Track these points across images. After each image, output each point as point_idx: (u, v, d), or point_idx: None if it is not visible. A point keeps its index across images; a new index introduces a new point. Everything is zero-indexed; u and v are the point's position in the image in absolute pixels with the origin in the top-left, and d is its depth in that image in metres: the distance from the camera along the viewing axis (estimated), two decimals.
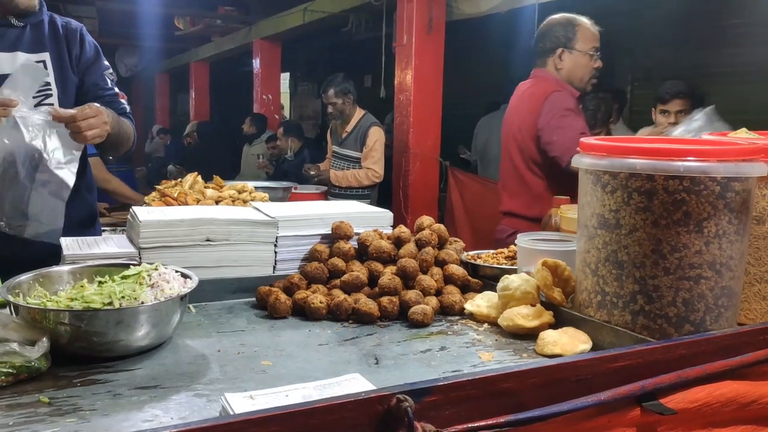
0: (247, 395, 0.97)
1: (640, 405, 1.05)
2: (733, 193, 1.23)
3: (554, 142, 2.59)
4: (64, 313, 1.16)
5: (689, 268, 1.24)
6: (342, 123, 4.94)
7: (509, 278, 1.45)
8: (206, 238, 1.59)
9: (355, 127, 4.88)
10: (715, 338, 1.19)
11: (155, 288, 1.25)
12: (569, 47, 2.74)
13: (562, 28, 2.76)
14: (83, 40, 2.03)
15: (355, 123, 4.89)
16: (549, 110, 2.62)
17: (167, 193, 2.52)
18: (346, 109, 4.88)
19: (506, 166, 2.88)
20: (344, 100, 4.86)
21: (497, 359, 1.27)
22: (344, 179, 4.81)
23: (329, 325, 1.46)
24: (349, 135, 4.89)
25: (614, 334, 1.29)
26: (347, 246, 1.67)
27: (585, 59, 2.75)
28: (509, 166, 2.85)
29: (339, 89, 4.85)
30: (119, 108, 2.04)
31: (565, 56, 2.75)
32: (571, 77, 2.76)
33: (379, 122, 4.94)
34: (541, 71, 2.82)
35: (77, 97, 1.98)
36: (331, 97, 4.86)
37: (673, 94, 3.83)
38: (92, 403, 1.03)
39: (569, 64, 2.75)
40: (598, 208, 1.30)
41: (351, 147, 4.89)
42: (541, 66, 2.82)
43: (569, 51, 2.74)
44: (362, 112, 4.94)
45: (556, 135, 2.59)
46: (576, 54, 2.74)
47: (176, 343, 1.30)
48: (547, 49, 2.78)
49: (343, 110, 4.88)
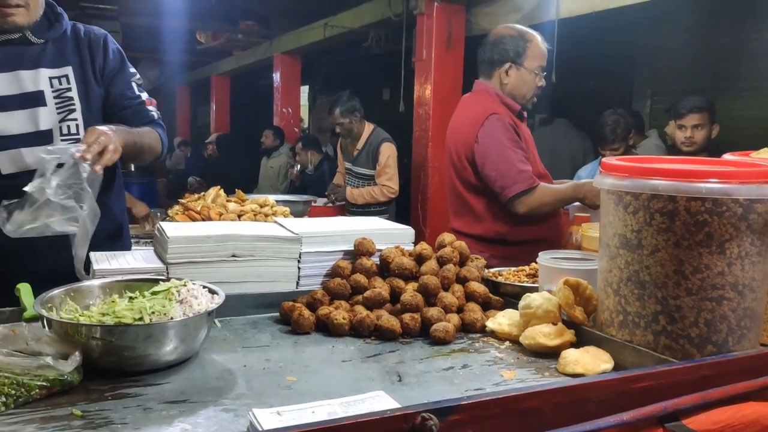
0: (274, 411, 0.99)
1: (662, 426, 1.05)
2: (756, 215, 1.24)
3: (492, 177, 2.55)
4: (96, 328, 1.19)
5: (711, 289, 1.24)
6: (352, 141, 4.95)
7: (531, 296, 1.46)
8: (232, 254, 1.61)
9: (366, 143, 4.89)
10: (737, 359, 1.19)
11: (184, 303, 1.28)
12: (518, 63, 2.68)
13: (513, 41, 2.69)
14: (107, 48, 2.00)
15: (365, 140, 4.90)
16: (485, 143, 2.56)
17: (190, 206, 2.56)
18: (354, 128, 4.90)
19: (448, 185, 2.85)
20: (351, 119, 4.86)
21: (519, 378, 1.28)
22: (360, 197, 4.84)
23: (352, 341, 1.48)
24: (360, 152, 4.90)
25: (636, 354, 1.29)
26: (369, 262, 1.69)
27: (531, 77, 2.69)
28: (450, 185, 2.81)
29: (345, 108, 4.86)
30: (147, 116, 2.03)
31: (512, 72, 2.68)
32: (514, 93, 2.71)
33: (389, 136, 4.94)
34: (483, 84, 2.76)
35: (104, 109, 1.97)
36: (338, 118, 4.88)
37: (689, 109, 3.80)
38: (123, 417, 1.06)
39: (515, 80, 2.69)
40: (620, 228, 1.31)
41: (363, 165, 4.91)
42: (486, 78, 2.75)
43: (517, 67, 2.68)
44: (371, 127, 4.94)
45: (494, 170, 2.55)
46: (523, 71, 2.68)
47: (203, 358, 1.33)
48: (495, 61, 2.71)
49: (351, 129, 4.90)
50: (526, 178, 2.51)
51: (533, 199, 2.52)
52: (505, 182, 2.52)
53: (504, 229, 2.62)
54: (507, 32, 2.74)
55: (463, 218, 2.74)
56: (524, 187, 2.51)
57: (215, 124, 12.00)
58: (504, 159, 2.55)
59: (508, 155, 2.55)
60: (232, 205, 2.54)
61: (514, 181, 2.51)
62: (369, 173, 4.88)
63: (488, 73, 2.74)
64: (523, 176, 2.51)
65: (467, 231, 2.68)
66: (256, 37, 9.36)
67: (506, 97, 2.70)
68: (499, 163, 2.55)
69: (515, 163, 2.54)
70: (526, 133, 2.77)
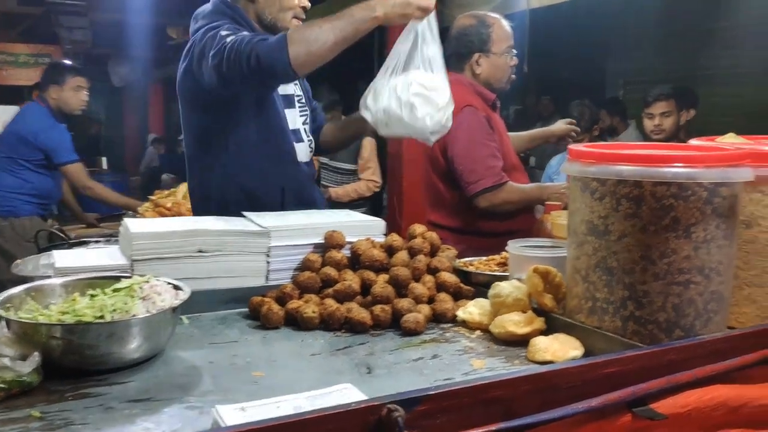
0: (238, 407, 0.97)
1: (630, 411, 1.05)
2: (721, 198, 1.24)
3: (460, 170, 2.56)
4: (55, 327, 1.16)
5: (678, 273, 1.24)
6: None
7: (501, 285, 1.46)
8: (198, 250, 1.59)
9: None
10: (704, 343, 1.20)
11: (147, 300, 1.25)
12: (485, 51, 2.66)
13: (476, 30, 2.67)
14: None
15: None
16: (457, 136, 2.52)
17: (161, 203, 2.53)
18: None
19: (424, 177, 2.84)
20: (332, 114, 4.81)
21: (489, 366, 1.28)
22: (346, 195, 4.75)
23: (322, 334, 1.46)
24: None
25: (605, 340, 1.29)
26: (340, 255, 1.67)
27: (502, 60, 2.68)
28: (426, 177, 2.81)
29: (326, 103, 4.81)
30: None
31: (483, 61, 2.67)
32: (489, 80, 2.70)
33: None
34: (456, 76, 2.69)
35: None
36: None
37: (655, 97, 3.85)
38: (84, 417, 1.03)
39: (488, 68, 2.68)
40: (587, 215, 1.31)
41: (344, 159, 4.84)
42: (458, 71, 2.71)
43: (486, 55, 2.67)
44: None
45: (462, 164, 2.55)
46: (493, 57, 2.67)
47: (169, 355, 1.30)
48: (463, 54, 2.70)
49: None
50: (494, 174, 2.52)
51: (498, 197, 2.53)
52: (472, 177, 2.53)
53: (480, 221, 2.62)
54: (468, 22, 2.72)
55: (439, 210, 2.74)
56: (490, 183, 2.52)
57: None
58: (474, 153, 2.55)
59: (479, 150, 2.55)
60: None
61: (482, 177, 2.52)
62: (349, 168, 4.82)
63: (459, 67, 2.73)
64: (491, 172, 2.52)
65: (443, 223, 2.68)
66: None
67: (480, 87, 2.69)
68: (469, 157, 2.55)
69: (485, 159, 2.54)
70: (500, 124, 2.76)
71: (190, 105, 2.17)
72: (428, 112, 1.91)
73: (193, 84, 2.06)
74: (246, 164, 2.09)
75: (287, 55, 1.79)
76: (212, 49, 1.89)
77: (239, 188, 2.09)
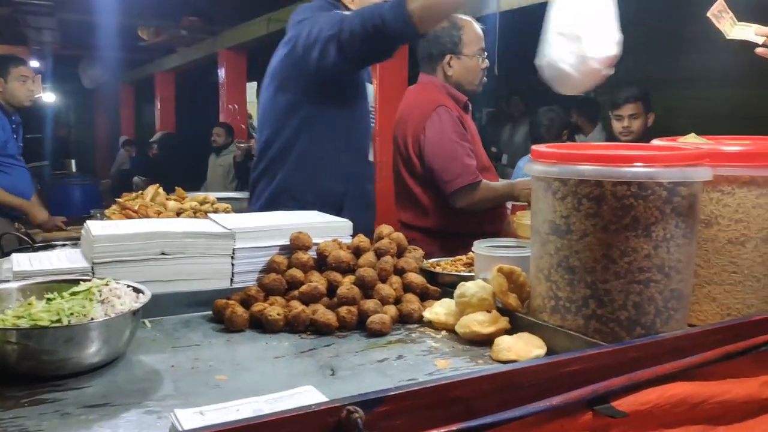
0: (197, 411, 0.95)
1: (591, 409, 1.05)
2: (680, 198, 1.26)
3: (437, 170, 2.58)
4: (10, 332, 1.13)
5: (639, 272, 1.26)
6: None
7: (466, 285, 1.46)
8: (161, 252, 1.56)
9: None
10: (664, 340, 1.21)
11: (105, 304, 1.23)
12: (457, 52, 2.68)
13: (447, 32, 2.68)
14: None
15: None
16: (432, 136, 2.58)
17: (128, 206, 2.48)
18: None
19: (395, 177, 2.86)
20: None
21: (453, 366, 1.28)
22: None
23: (287, 337, 1.45)
24: None
25: (568, 338, 1.30)
26: (306, 257, 1.66)
27: (473, 62, 2.70)
28: (397, 178, 2.83)
29: None
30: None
31: (454, 62, 2.69)
32: (461, 81, 2.72)
33: None
34: (428, 77, 2.76)
35: None
36: None
37: (624, 99, 3.93)
38: (38, 423, 1.01)
39: (459, 70, 2.70)
40: (550, 215, 1.32)
41: None
42: (430, 72, 2.75)
43: (457, 56, 2.68)
44: None
45: (438, 163, 2.58)
46: (464, 59, 2.68)
47: (129, 360, 1.28)
48: (434, 56, 2.72)
49: None
50: (470, 173, 2.53)
51: (474, 195, 2.54)
52: (448, 176, 2.54)
53: (451, 222, 2.63)
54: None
55: (410, 211, 2.74)
56: (467, 181, 2.53)
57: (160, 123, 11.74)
58: (450, 152, 2.56)
59: (455, 149, 2.56)
60: (172, 204, 2.48)
61: (458, 175, 2.53)
62: None
63: (432, 68, 2.74)
64: (467, 170, 2.53)
65: (414, 224, 2.69)
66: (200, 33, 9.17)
67: (452, 89, 2.71)
68: (445, 156, 2.56)
69: (461, 158, 2.55)
70: (471, 125, 2.78)
71: (290, 90, 2.27)
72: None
73: (295, 69, 2.18)
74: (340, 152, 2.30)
75: (406, 8, 1.91)
76: (329, 28, 2.04)
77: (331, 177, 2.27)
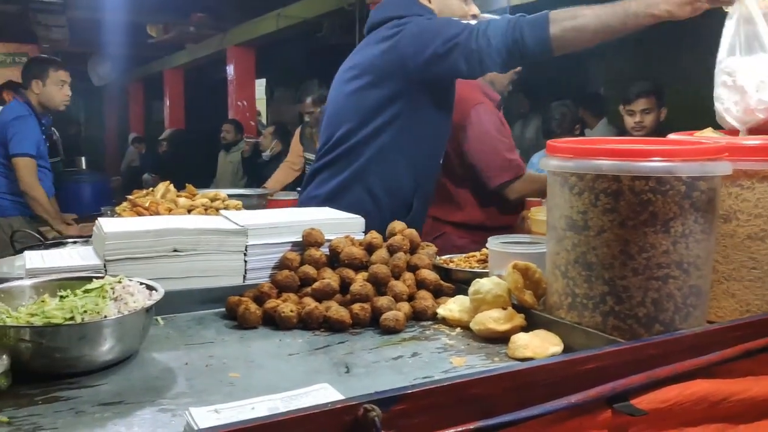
0: (212, 409, 0.95)
1: (611, 407, 1.04)
2: (699, 192, 1.24)
3: (481, 166, 2.64)
4: (24, 330, 1.12)
5: (657, 268, 1.24)
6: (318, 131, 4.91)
7: (480, 282, 1.44)
8: (173, 249, 1.56)
9: None
10: (684, 337, 1.19)
11: (119, 301, 1.22)
12: None
13: None
14: None
15: None
16: (473, 132, 2.63)
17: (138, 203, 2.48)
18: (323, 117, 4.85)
19: None
20: (322, 109, 4.82)
21: (469, 364, 1.27)
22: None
23: (300, 334, 1.44)
24: None
25: (585, 335, 1.28)
26: (318, 253, 1.65)
27: None
28: None
29: (317, 97, 4.82)
30: None
31: None
32: (494, 81, 2.77)
33: None
34: None
35: None
36: (308, 106, 4.84)
37: (637, 94, 3.88)
38: (53, 422, 1.00)
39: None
40: (566, 210, 1.30)
41: None
42: None
43: None
44: None
45: (482, 160, 2.63)
46: None
47: (143, 357, 1.27)
48: None
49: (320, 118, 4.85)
50: (513, 167, 2.61)
51: (522, 186, 2.62)
52: (492, 171, 2.61)
53: (484, 216, 2.69)
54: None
55: (443, 205, 2.77)
56: (512, 175, 2.60)
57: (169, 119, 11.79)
58: (493, 148, 2.62)
59: (497, 145, 2.63)
60: (182, 200, 2.47)
61: (503, 170, 2.61)
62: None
63: None
64: (510, 165, 2.61)
65: (447, 218, 2.72)
66: (209, 29, 9.19)
67: (487, 87, 2.74)
68: (489, 152, 2.62)
69: (503, 153, 2.62)
70: (506, 124, 2.82)
71: (386, 86, 2.23)
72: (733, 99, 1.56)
73: (401, 68, 2.14)
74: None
75: (548, 32, 1.86)
76: (467, 38, 2.00)
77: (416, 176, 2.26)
